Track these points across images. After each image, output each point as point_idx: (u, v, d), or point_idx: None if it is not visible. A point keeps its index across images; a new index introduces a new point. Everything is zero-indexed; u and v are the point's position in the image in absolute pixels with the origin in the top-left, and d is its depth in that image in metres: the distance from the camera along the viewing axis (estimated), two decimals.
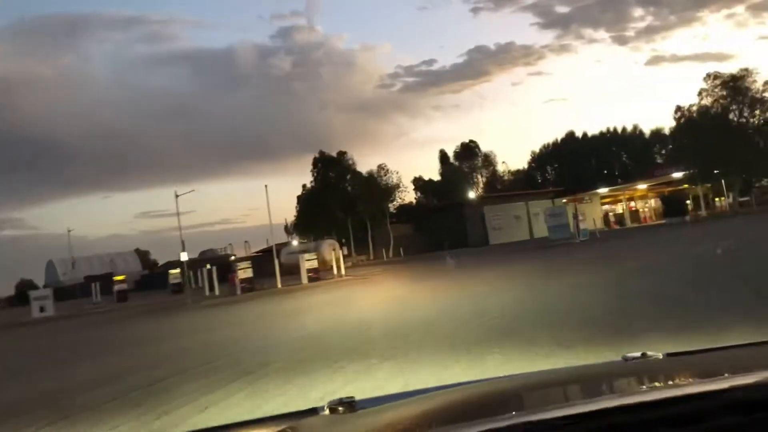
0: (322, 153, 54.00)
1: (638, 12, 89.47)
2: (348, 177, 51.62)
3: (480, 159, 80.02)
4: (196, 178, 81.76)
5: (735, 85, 40.60)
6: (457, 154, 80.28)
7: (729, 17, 79.97)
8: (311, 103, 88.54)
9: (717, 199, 49.70)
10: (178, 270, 37.47)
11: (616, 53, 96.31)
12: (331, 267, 29.66)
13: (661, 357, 1.33)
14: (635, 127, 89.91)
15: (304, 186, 54.78)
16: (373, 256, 51.51)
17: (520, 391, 1.24)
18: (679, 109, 43.39)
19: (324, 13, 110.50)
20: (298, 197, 55.74)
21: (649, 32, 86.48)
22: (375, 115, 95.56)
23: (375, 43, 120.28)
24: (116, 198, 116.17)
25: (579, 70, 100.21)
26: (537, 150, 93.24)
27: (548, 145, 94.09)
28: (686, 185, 54.75)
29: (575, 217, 31.14)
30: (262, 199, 38.31)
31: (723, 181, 44.69)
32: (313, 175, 54.27)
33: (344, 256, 51.02)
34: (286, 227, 66.12)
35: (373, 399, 1.34)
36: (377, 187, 51.22)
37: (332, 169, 51.85)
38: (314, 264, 27.46)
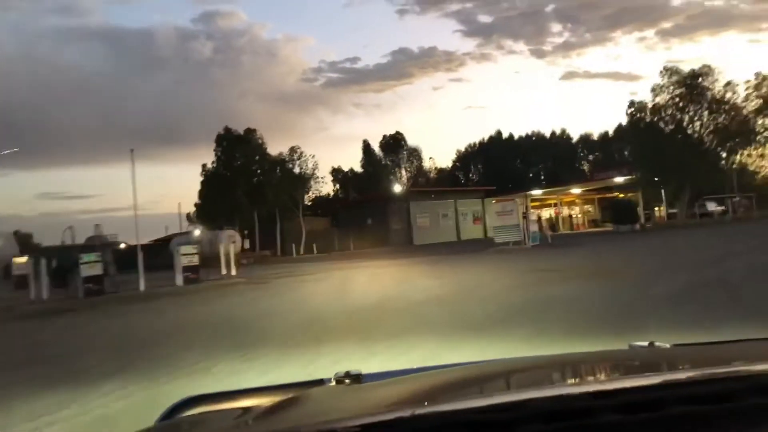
0: (227, 129, 46.52)
1: (557, 28, 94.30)
2: (257, 159, 44.35)
3: (405, 153, 74.51)
4: (105, 161, 72.73)
5: (693, 84, 37.04)
6: (382, 146, 74.43)
7: (640, 40, 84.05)
8: (231, 91, 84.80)
9: (657, 208, 46.69)
10: (25, 258, 29.37)
11: (534, 66, 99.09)
12: (227, 263, 22.88)
13: (668, 346, 1.39)
14: (563, 131, 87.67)
15: (204, 167, 46.99)
16: (281, 251, 44.64)
17: (523, 371, 1.28)
18: (632, 104, 39.43)
19: (249, 0, 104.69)
20: (201, 181, 47.92)
21: (565, 48, 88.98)
22: (296, 107, 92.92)
23: (299, 36, 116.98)
24: (16, 176, 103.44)
25: (498, 80, 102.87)
26: (462, 149, 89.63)
27: (474, 144, 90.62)
28: (623, 193, 51.37)
29: (525, 217, 25.86)
30: (173, 185, 31.23)
31: (663, 189, 41.20)
32: (216, 154, 46.68)
33: (246, 251, 43.93)
34: (188, 215, 58.11)
35: (379, 374, 1.37)
36: (288, 172, 44.31)
37: (238, 149, 44.48)
38: (194, 260, 20.47)
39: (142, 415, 1.65)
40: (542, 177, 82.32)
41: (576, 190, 55.10)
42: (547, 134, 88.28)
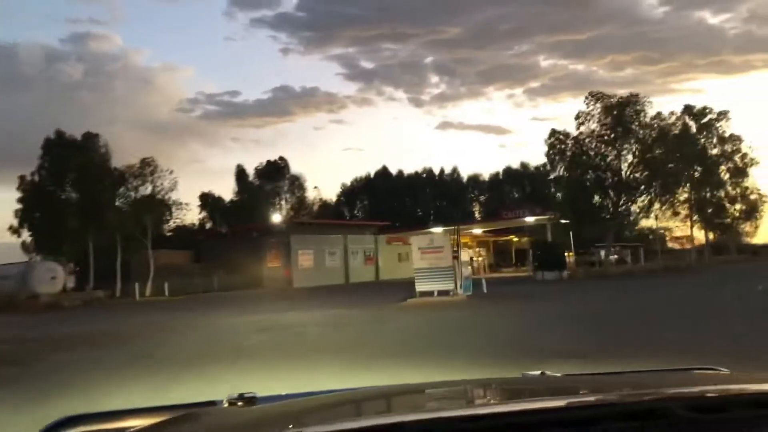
0: (60, 133, 36.16)
1: (434, 79, 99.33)
2: (96, 172, 34.29)
3: (287, 181, 66.35)
4: None
5: (620, 113, 32.82)
6: (259, 172, 65.78)
7: (510, 97, 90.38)
8: (100, 116, 75.18)
9: (567, 253, 42.26)
10: None
11: (412, 114, 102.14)
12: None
13: (558, 375, 1.47)
14: (454, 170, 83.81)
15: (22, 179, 35.92)
16: (122, 292, 34.56)
17: (408, 396, 1.33)
18: (554, 133, 34.49)
19: (125, 24, 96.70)
20: (19, 198, 36.71)
21: (442, 99, 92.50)
22: (169, 138, 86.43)
23: (177, 65, 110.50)
24: None
25: (377, 124, 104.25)
26: (348, 183, 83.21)
27: (360, 179, 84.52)
28: (527, 236, 46.82)
29: (455, 257, 18.94)
30: None
31: (579, 232, 36.57)
32: (41, 164, 35.99)
33: (72, 290, 33.55)
34: (23, 243, 45.87)
35: (274, 397, 1.40)
36: (135, 190, 34.70)
37: (72, 159, 34.26)
38: None
39: None
40: (431, 215, 77.29)
41: (477, 230, 49.78)
42: (437, 171, 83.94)
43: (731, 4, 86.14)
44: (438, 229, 45.31)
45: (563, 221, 37.44)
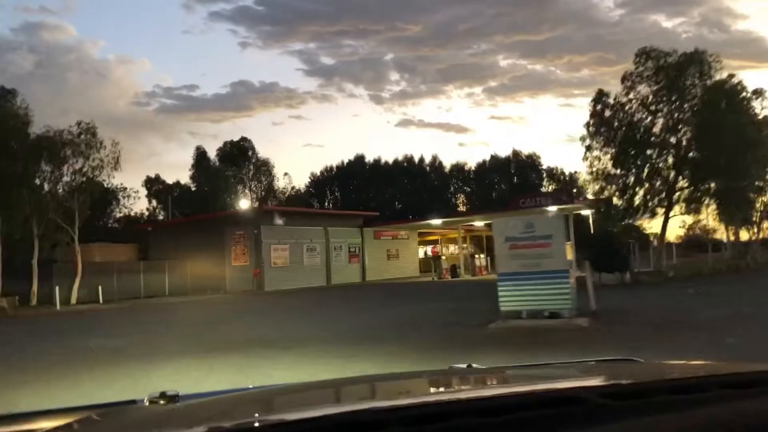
0: None
1: (395, 76, 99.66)
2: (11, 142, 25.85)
3: (252, 166, 58.28)
4: None
5: (675, 77, 26.23)
6: (221, 154, 57.57)
7: (469, 95, 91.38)
8: (52, 108, 70.16)
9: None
10: None
11: (372, 111, 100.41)
12: None
13: (483, 368, 1.52)
14: (434, 158, 76.80)
15: None
16: (39, 297, 26.26)
17: (330, 389, 1.36)
18: (600, 97, 27.55)
19: (79, 14, 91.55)
20: None
21: (402, 96, 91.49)
22: (124, 131, 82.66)
23: (133, 58, 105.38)
24: None
25: (337, 121, 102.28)
26: (317, 173, 75.56)
27: (331, 168, 76.92)
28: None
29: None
30: None
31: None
32: None
33: None
34: None
35: (197, 394, 1.36)
36: (59, 159, 26.15)
37: None
38: None
39: None
40: (411, 207, 70.13)
41: (478, 223, 42.81)
42: (417, 159, 76.83)
43: (684, 8, 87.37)
44: (437, 221, 38.21)
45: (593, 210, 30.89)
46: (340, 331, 12.10)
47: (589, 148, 28.96)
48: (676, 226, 45.76)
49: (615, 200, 28.66)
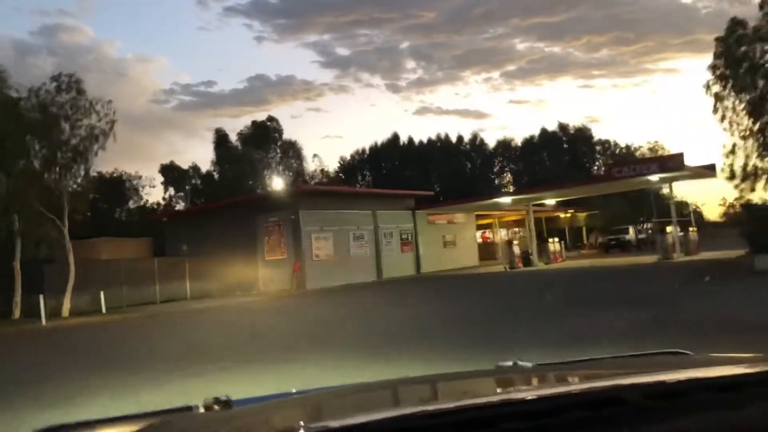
0: None
1: (411, 65, 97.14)
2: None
3: (279, 148, 52.33)
4: None
5: None
6: (243, 137, 51.68)
7: (486, 81, 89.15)
8: None
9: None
10: None
11: (390, 100, 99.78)
12: None
13: (529, 365, 1.53)
14: (475, 136, 70.17)
15: None
16: (24, 310, 20.46)
17: (383, 392, 1.38)
18: (733, 29, 21.09)
19: (96, 15, 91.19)
20: None
21: (419, 84, 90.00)
22: (145, 130, 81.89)
23: (151, 56, 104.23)
24: None
25: (355, 111, 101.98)
26: (348, 157, 69.90)
27: (363, 150, 70.98)
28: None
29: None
30: None
31: None
32: None
33: None
34: None
35: (249, 399, 1.39)
36: (35, 127, 19.91)
37: None
38: None
39: None
40: (452, 189, 63.64)
41: (551, 201, 36.38)
42: (454, 139, 70.37)
43: None
44: (507, 199, 31.84)
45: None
46: None
47: (719, 98, 22.43)
48: None
49: (756, 161, 22.07)
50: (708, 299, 12.25)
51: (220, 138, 51.61)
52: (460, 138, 70.29)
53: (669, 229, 27.10)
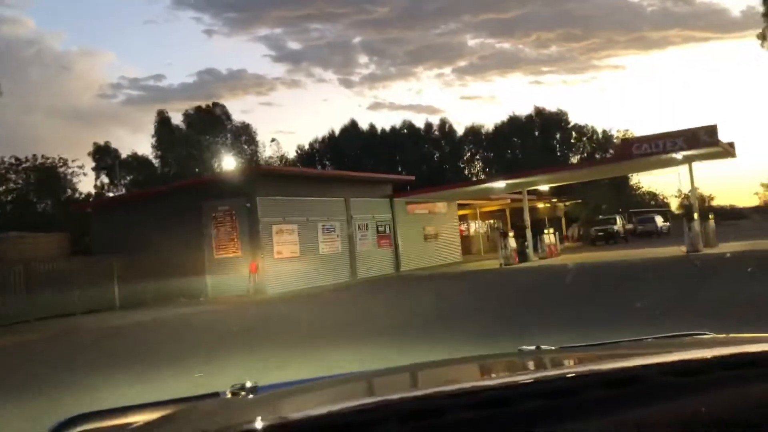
0: None
1: (364, 60, 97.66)
2: None
3: (230, 133, 46.67)
4: None
5: None
6: (190, 120, 45.82)
7: (439, 76, 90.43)
8: (15, 104, 68.65)
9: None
10: None
11: (343, 95, 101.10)
12: None
13: (553, 349, 1.54)
14: (444, 122, 65.89)
15: None
16: None
17: (403, 375, 1.38)
18: None
19: (38, 5, 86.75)
20: None
21: (372, 79, 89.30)
22: (92, 124, 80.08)
23: (97, 50, 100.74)
24: None
25: (307, 106, 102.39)
26: (306, 146, 65.05)
27: (324, 138, 66.11)
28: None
29: None
30: None
31: None
32: None
33: None
34: None
35: (275, 385, 1.39)
36: None
37: None
38: None
39: None
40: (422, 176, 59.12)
41: (544, 187, 32.26)
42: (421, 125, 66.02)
43: None
44: (500, 184, 27.44)
45: None
46: None
47: None
48: None
49: None
50: None
51: (163, 121, 45.62)
52: (428, 125, 65.99)
53: (695, 217, 23.17)
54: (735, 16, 79.99)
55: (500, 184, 26.84)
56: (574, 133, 61.01)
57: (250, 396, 1.25)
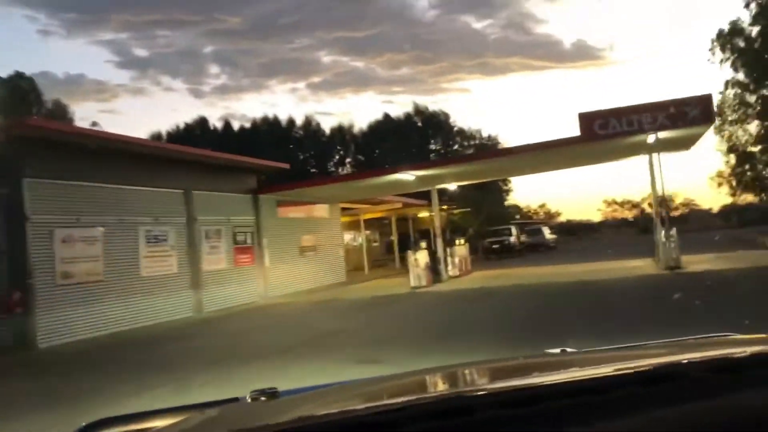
0: None
1: (215, 70, 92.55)
2: None
3: (42, 113, 35.59)
4: None
5: None
6: None
7: (293, 90, 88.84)
8: None
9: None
10: None
11: (192, 105, 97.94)
12: None
13: (577, 351, 1.53)
14: (309, 120, 58.32)
15: None
16: None
17: (428, 378, 1.35)
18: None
19: None
20: None
21: (223, 91, 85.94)
22: None
23: None
24: None
25: (155, 116, 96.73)
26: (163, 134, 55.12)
27: (178, 128, 56.88)
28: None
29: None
30: None
31: None
32: None
33: None
34: None
35: (296, 390, 1.38)
36: None
37: None
38: None
39: None
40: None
41: (453, 186, 25.54)
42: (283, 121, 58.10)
43: (491, 11, 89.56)
44: (410, 176, 20.27)
45: None
46: None
47: None
48: None
49: None
50: None
51: None
52: (291, 121, 58.07)
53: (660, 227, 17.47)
54: (567, 48, 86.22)
55: (408, 175, 19.54)
56: (456, 136, 55.89)
57: (271, 400, 1.24)
